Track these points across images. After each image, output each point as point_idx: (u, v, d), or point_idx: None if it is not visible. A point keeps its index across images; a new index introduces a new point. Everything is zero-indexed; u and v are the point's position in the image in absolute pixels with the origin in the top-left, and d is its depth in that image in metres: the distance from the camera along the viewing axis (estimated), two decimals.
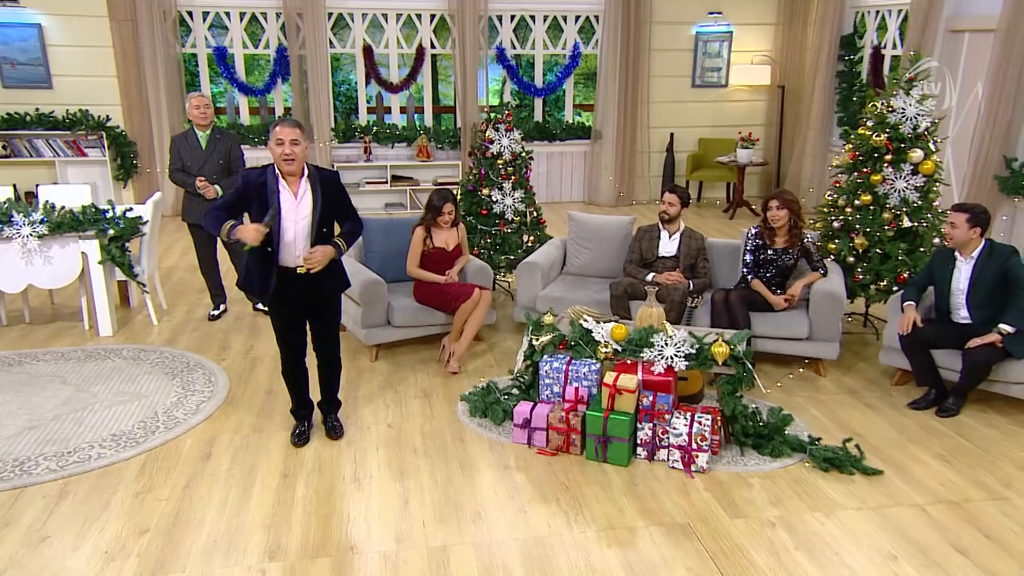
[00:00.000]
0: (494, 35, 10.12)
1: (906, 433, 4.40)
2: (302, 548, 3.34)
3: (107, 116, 9.30)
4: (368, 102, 10.40)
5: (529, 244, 6.29)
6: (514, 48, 10.30)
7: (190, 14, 9.48)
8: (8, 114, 9.16)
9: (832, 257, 5.54)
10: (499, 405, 4.43)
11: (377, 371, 5.17)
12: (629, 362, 4.19)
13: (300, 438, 4.22)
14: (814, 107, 10.03)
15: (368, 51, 9.88)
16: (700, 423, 3.93)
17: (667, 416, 3.99)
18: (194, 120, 5.70)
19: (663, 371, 4.08)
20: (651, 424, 4.01)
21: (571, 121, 10.70)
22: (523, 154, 6.30)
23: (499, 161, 6.19)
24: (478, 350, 5.54)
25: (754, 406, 4.27)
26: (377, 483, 3.84)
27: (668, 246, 5.51)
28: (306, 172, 3.87)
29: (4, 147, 9.20)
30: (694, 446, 3.92)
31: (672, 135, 10.70)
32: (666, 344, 4.14)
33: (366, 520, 3.54)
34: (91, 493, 3.73)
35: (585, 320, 4.37)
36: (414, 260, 5.32)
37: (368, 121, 10.21)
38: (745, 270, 5.28)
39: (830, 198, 5.75)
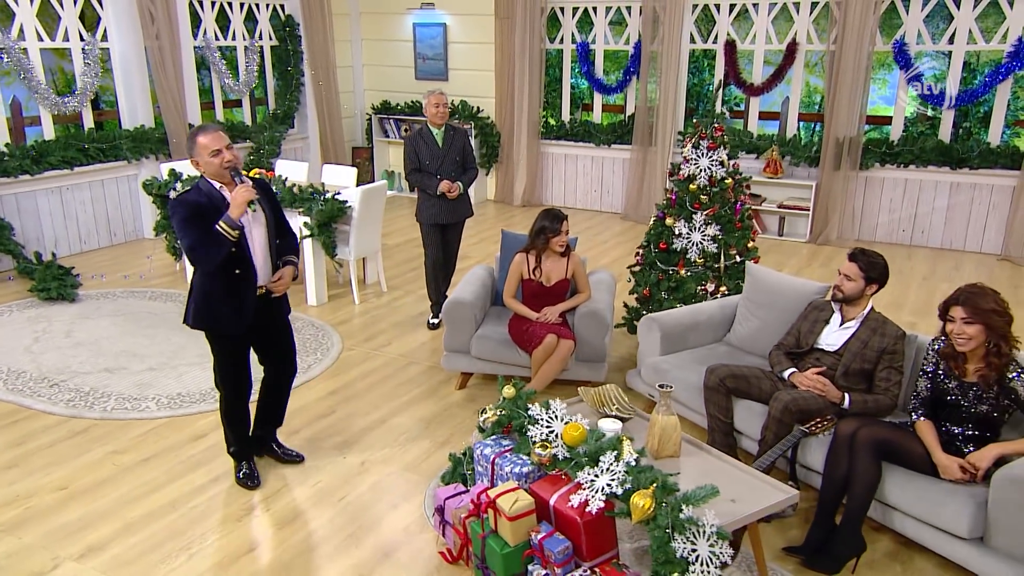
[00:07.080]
0: (894, 24, 7.94)
1: None
2: (112, 559, 3.23)
3: (479, 107, 10.10)
4: (737, 106, 9.21)
5: (717, 295, 4.88)
6: (919, 44, 7.94)
7: (561, 10, 9.62)
8: (413, 102, 10.64)
9: None
10: (459, 477, 3.59)
11: (445, 402, 4.64)
12: (563, 477, 2.98)
13: (252, 480, 3.76)
14: None
15: (730, 47, 8.70)
16: None
17: (557, 570, 2.73)
18: (430, 118, 5.58)
19: (576, 505, 2.79)
20: (543, 573, 2.80)
21: (998, 143, 7.86)
22: (726, 180, 4.87)
23: (691, 186, 4.91)
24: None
25: None
26: (247, 524, 3.47)
27: (834, 336, 3.71)
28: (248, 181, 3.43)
29: (406, 130, 10.73)
30: None
31: None
32: (607, 469, 2.82)
33: (194, 559, 3.25)
34: (92, 441, 4.14)
35: (561, 408, 3.22)
36: (510, 289, 4.59)
37: None
38: (915, 401, 3.25)
39: None
